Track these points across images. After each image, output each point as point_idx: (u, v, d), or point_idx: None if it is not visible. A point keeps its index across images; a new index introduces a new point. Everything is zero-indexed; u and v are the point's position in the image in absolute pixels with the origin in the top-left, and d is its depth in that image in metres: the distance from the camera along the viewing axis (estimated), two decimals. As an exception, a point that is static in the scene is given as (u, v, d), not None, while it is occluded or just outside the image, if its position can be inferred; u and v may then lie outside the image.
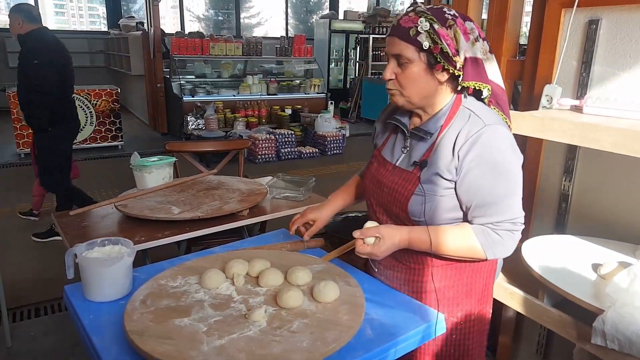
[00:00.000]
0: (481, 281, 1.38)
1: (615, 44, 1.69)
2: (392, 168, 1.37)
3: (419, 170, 1.28)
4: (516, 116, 1.51)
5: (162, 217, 1.94)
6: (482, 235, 1.23)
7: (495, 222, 1.23)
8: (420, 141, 1.31)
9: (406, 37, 1.20)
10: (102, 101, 6.55)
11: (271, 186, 2.36)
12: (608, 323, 1.19)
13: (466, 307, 1.37)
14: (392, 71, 1.26)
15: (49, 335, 2.58)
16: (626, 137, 1.22)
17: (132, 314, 1.18)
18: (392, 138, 1.42)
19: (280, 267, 1.39)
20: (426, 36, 1.19)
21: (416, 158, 1.30)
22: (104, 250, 1.38)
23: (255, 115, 7.35)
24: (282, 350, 1.05)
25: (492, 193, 1.21)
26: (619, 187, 1.74)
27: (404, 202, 1.29)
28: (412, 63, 1.22)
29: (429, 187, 1.26)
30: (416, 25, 1.19)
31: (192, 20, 12.75)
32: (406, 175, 1.31)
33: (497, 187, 1.21)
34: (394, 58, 1.25)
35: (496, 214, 1.22)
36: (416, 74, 1.23)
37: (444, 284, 1.35)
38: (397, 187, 1.32)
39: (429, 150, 1.28)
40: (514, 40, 2.07)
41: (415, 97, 1.26)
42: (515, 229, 1.24)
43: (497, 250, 1.24)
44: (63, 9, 12.63)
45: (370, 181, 1.43)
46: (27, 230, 3.94)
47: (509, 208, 1.22)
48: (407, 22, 1.21)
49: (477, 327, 1.40)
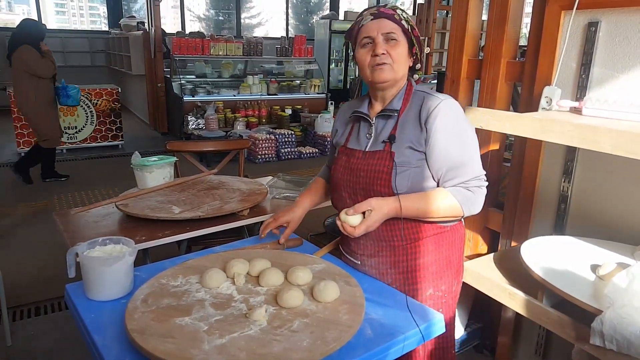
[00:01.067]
0: (456, 252, 1.50)
1: (614, 46, 1.70)
2: (362, 154, 1.46)
3: (390, 145, 1.40)
4: (516, 117, 1.52)
5: (163, 216, 1.95)
6: (457, 193, 1.36)
7: (465, 181, 1.37)
8: (386, 121, 1.45)
9: (393, 19, 1.38)
10: (102, 100, 6.56)
11: (271, 186, 2.37)
12: (607, 324, 1.20)
13: (448, 279, 1.48)
14: (384, 47, 1.38)
15: (49, 334, 2.59)
16: (625, 138, 1.23)
17: (134, 312, 1.18)
18: (354, 131, 1.53)
19: (280, 267, 1.39)
20: (406, 22, 1.40)
21: (384, 137, 1.43)
22: (105, 250, 1.39)
23: (255, 115, 7.35)
24: (282, 350, 1.06)
25: (460, 155, 1.36)
26: (618, 189, 1.75)
27: (386, 179, 1.38)
28: (400, 42, 1.39)
29: (402, 159, 1.38)
30: (397, 13, 1.39)
31: (192, 20, 12.76)
32: (379, 154, 1.41)
33: (463, 150, 1.37)
34: (383, 37, 1.37)
35: (465, 173, 1.37)
36: (402, 52, 1.40)
37: (427, 259, 1.43)
38: (374, 167, 1.41)
39: (394, 127, 1.42)
40: (513, 42, 2.07)
41: (400, 73, 1.41)
42: (482, 184, 1.39)
43: (471, 206, 1.38)
44: (64, 9, 12.65)
45: (343, 172, 1.49)
46: (29, 229, 3.95)
47: (474, 167, 1.38)
48: (388, 10, 1.39)
49: (456, 296, 1.53)
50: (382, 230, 1.42)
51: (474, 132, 1.41)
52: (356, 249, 1.52)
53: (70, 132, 6.43)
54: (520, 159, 2.05)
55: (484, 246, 2.33)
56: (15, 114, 5.97)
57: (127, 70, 8.88)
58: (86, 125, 6.53)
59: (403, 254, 1.44)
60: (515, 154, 2.09)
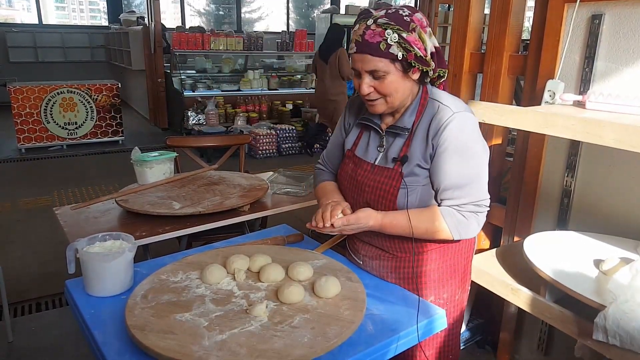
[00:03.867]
0: (462, 261, 1.45)
1: (618, 39, 1.68)
2: (371, 167, 1.38)
3: (400, 165, 1.31)
4: (518, 111, 1.51)
5: (163, 212, 1.94)
6: (448, 216, 1.29)
7: (460, 204, 1.29)
8: (396, 138, 1.35)
9: (377, 52, 1.21)
10: (102, 96, 6.54)
11: (272, 181, 2.36)
12: (609, 319, 1.19)
13: (451, 287, 1.44)
14: (369, 85, 1.26)
15: (50, 330, 2.58)
16: (629, 132, 1.22)
17: (134, 308, 1.18)
18: (364, 137, 1.43)
19: (281, 263, 1.39)
20: (397, 47, 1.20)
21: (394, 154, 1.34)
22: (105, 245, 1.39)
23: (256, 111, 7.33)
24: (283, 345, 1.05)
25: (459, 176, 1.27)
26: (621, 183, 1.74)
27: (392, 199, 1.32)
28: (389, 74, 1.24)
29: (411, 179, 1.31)
30: (384, 39, 1.20)
31: (192, 15, 12.71)
32: (388, 173, 1.33)
33: (463, 171, 1.27)
34: (368, 73, 1.25)
35: (461, 196, 1.28)
36: (395, 82, 1.25)
37: (430, 267, 1.40)
38: (381, 185, 1.34)
39: (406, 145, 1.32)
40: (516, 36, 2.06)
41: (397, 101, 1.30)
42: (479, 210, 1.30)
43: (462, 230, 1.30)
44: (64, 4, 12.60)
45: (349, 182, 1.43)
46: (29, 225, 3.94)
47: (473, 191, 1.29)
48: (374, 37, 1.20)
49: (459, 305, 1.48)
50: (385, 241, 1.39)
51: (484, 151, 1.30)
52: (360, 249, 1.50)
53: (70, 127, 6.42)
54: (523, 154, 2.03)
55: (486, 241, 2.33)
56: (15, 109, 5.96)
57: (127, 66, 8.86)
58: (86, 121, 6.51)
59: (405, 261, 1.40)
60: (518, 149, 2.08)
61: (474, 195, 1.29)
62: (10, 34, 9.76)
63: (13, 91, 5.96)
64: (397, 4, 11.91)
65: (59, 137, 6.38)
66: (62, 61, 10.32)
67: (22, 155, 6.11)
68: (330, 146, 1.58)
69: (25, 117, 6.09)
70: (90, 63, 10.69)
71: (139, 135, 7.50)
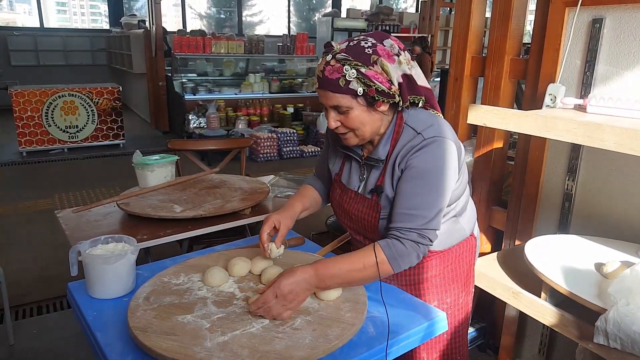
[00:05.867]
0: (465, 265, 1.45)
1: (619, 43, 1.69)
2: (354, 195, 1.38)
3: (378, 196, 1.30)
4: (519, 115, 1.51)
5: (165, 215, 1.94)
6: (387, 248, 1.21)
7: (404, 229, 1.22)
8: (372, 169, 1.34)
9: (338, 89, 1.19)
10: (103, 99, 6.55)
11: (273, 185, 2.36)
12: (611, 322, 1.19)
13: (453, 292, 1.43)
14: (336, 119, 1.25)
15: (51, 332, 2.58)
16: (630, 136, 1.22)
17: (136, 310, 1.18)
18: (347, 165, 1.43)
19: (282, 265, 1.39)
20: (357, 82, 1.18)
21: (372, 185, 1.33)
22: (108, 248, 1.39)
23: (257, 114, 7.34)
24: (284, 347, 1.05)
25: (411, 200, 1.22)
26: (622, 187, 1.74)
27: (374, 229, 1.33)
28: (352, 109, 1.22)
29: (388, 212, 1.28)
30: (343, 75, 1.17)
31: (194, 18, 12.75)
32: (368, 203, 1.34)
33: (418, 196, 1.22)
34: (332, 108, 1.24)
35: (408, 220, 1.22)
36: (360, 117, 1.23)
37: (432, 273, 1.40)
38: (363, 215, 1.35)
39: (382, 175, 1.31)
40: (517, 39, 2.06)
41: (368, 134, 1.27)
42: (421, 241, 1.22)
43: (402, 262, 1.22)
44: (65, 7, 12.63)
45: (338, 207, 1.45)
46: (31, 228, 3.95)
47: (421, 218, 1.21)
48: (333, 74, 1.18)
49: (464, 309, 1.48)
50: None
51: (448, 181, 1.24)
52: None
53: (71, 131, 6.43)
54: (524, 157, 2.04)
55: (487, 245, 2.33)
56: (16, 113, 5.97)
57: (128, 69, 8.88)
58: (87, 124, 6.52)
59: (406, 270, 1.38)
60: (519, 152, 2.08)
61: (420, 223, 1.21)
62: (12, 37, 9.79)
63: (14, 94, 5.97)
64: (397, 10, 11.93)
65: (60, 141, 6.39)
66: (64, 65, 10.35)
67: (24, 159, 6.12)
68: (320, 160, 1.59)
69: (27, 121, 6.10)
70: (92, 66, 10.72)
71: (140, 138, 7.50)
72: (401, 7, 14.10)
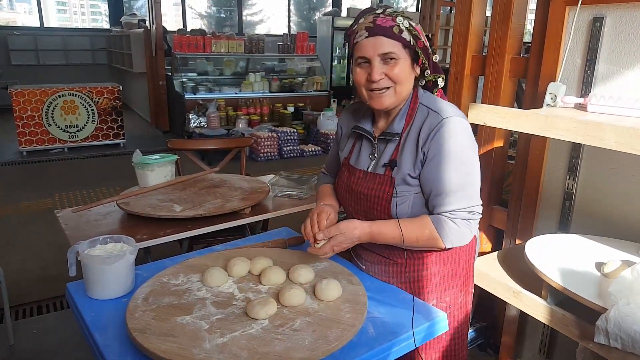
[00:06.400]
0: (464, 264, 1.44)
1: (619, 41, 1.68)
2: (363, 175, 1.38)
3: (390, 170, 1.31)
4: (520, 114, 1.50)
5: (164, 215, 1.94)
6: (439, 224, 1.27)
7: (451, 211, 1.26)
8: (387, 144, 1.35)
9: (392, 35, 1.23)
10: (103, 99, 6.55)
11: (273, 184, 2.36)
12: (611, 322, 1.18)
13: (452, 291, 1.43)
14: (380, 71, 1.26)
15: (51, 333, 2.58)
16: (630, 135, 1.22)
17: (134, 311, 1.18)
18: (357, 146, 1.45)
19: (282, 266, 1.39)
20: (408, 33, 1.25)
21: (385, 160, 1.34)
22: (106, 248, 1.39)
23: (257, 113, 7.33)
24: (284, 348, 1.05)
25: (449, 182, 1.25)
26: (623, 186, 1.73)
27: (386, 206, 1.32)
28: (400, 60, 1.25)
29: (403, 187, 1.30)
30: (397, 24, 1.24)
31: (194, 18, 12.74)
32: (380, 179, 1.33)
33: (454, 177, 1.25)
34: (380, 58, 1.25)
35: (453, 202, 1.26)
36: (404, 71, 1.27)
37: (430, 272, 1.40)
38: (374, 192, 1.34)
39: (396, 150, 1.33)
40: (518, 38, 2.06)
41: (405, 93, 1.30)
42: (471, 217, 1.29)
43: (454, 238, 1.28)
44: (65, 7, 12.64)
45: (345, 190, 1.45)
46: (30, 228, 3.95)
47: (465, 197, 1.27)
48: (387, 22, 1.23)
49: (463, 308, 1.47)
50: (384, 248, 1.40)
51: (475, 155, 1.30)
52: (361, 254, 1.51)
53: (71, 130, 6.43)
54: (524, 156, 2.03)
55: (488, 244, 2.32)
56: (17, 112, 5.97)
57: (129, 69, 8.87)
58: (87, 123, 6.52)
59: (407, 265, 1.40)
60: (519, 151, 2.07)
61: (466, 201, 1.27)
62: (12, 37, 9.79)
63: (15, 94, 5.97)
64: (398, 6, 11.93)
65: (60, 140, 6.39)
66: (64, 64, 10.34)
67: (24, 158, 6.12)
68: (330, 155, 1.63)
69: (27, 120, 6.10)
70: (92, 66, 10.71)
71: (140, 138, 7.50)
72: (401, 6, 14.09)
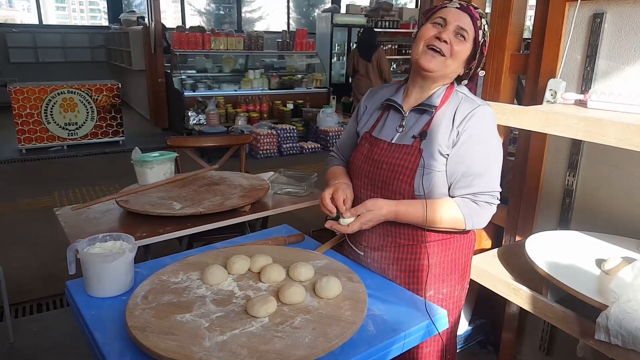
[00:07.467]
0: (463, 257, 1.46)
1: (619, 37, 1.68)
2: (387, 145, 1.40)
3: (420, 142, 1.33)
4: (520, 111, 1.50)
5: (164, 212, 1.93)
6: (463, 205, 1.32)
7: (476, 193, 1.32)
8: (420, 117, 1.38)
9: (475, 22, 1.32)
10: (103, 96, 6.54)
11: (273, 182, 2.36)
12: (612, 319, 1.18)
13: (451, 283, 1.44)
14: (450, 37, 1.31)
15: (51, 330, 2.58)
16: (631, 131, 1.21)
17: (134, 309, 1.17)
18: (382, 119, 1.47)
19: (282, 263, 1.38)
20: (483, 35, 1.34)
21: (415, 132, 1.36)
22: (106, 246, 1.38)
23: (256, 110, 7.32)
24: (284, 346, 1.05)
25: (479, 164, 1.32)
26: (623, 183, 1.73)
27: (410, 175, 1.33)
28: (467, 43, 1.32)
29: (429, 162, 1.32)
30: (480, 21, 1.33)
31: (193, 15, 12.70)
32: (407, 149, 1.35)
33: (483, 160, 1.32)
34: (455, 29, 1.31)
35: (478, 185, 1.32)
36: (463, 53, 1.33)
37: (432, 261, 1.40)
38: (399, 161, 1.35)
39: (427, 123, 1.36)
40: (517, 34, 2.05)
41: (449, 69, 1.34)
42: (492, 201, 1.34)
43: (475, 220, 1.33)
44: (64, 4, 12.60)
45: (364, 162, 1.44)
46: (30, 225, 3.94)
47: (490, 181, 1.33)
48: (475, 13, 1.32)
49: (458, 304, 1.49)
50: (389, 226, 1.39)
51: (500, 145, 1.37)
52: (361, 239, 1.49)
53: (70, 128, 6.42)
54: (524, 153, 2.03)
55: (488, 241, 2.32)
56: (16, 110, 5.96)
57: (128, 66, 8.86)
58: (86, 121, 6.51)
59: (407, 252, 1.41)
60: (519, 148, 2.07)
61: (490, 185, 1.33)
62: (11, 34, 9.76)
63: (13, 92, 5.96)
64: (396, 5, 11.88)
65: (59, 138, 6.38)
66: (63, 61, 10.31)
67: (23, 156, 6.11)
68: (344, 136, 1.62)
69: (26, 118, 6.09)
70: (91, 63, 10.68)
71: (140, 135, 7.49)
72: (401, 3, 14.05)
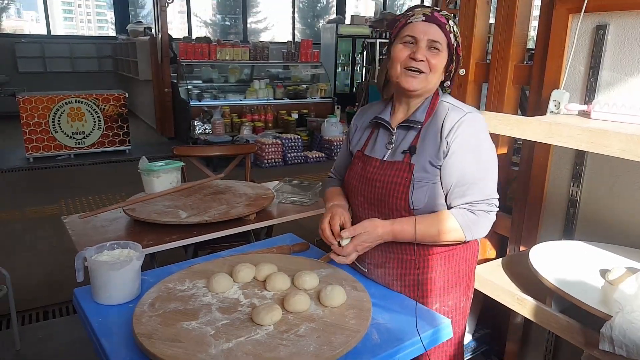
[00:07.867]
0: (467, 268, 1.46)
1: (622, 49, 1.69)
2: (379, 163, 1.40)
3: (410, 157, 1.34)
4: (524, 121, 1.51)
5: (170, 221, 1.95)
6: (460, 216, 1.31)
7: (472, 202, 1.31)
8: (407, 132, 1.39)
9: (444, 30, 1.31)
10: (109, 106, 6.60)
11: (278, 191, 2.37)
12: (616, 329, 1.18)
13: (455, 295, 1.44)
14: (424, 54, 1.31)
15: (57, 338, 2.59)
16: (635, 142, 1.22)
17: (141, 316, 1.19)
18: (372, 137, 1.48)
19: (287, 272, 1.39)
20: (454, 37, 1.34)
21: (405, 148, 1.37)
22: (113, 254, 1.40)
23: (262, 120, 7.36)
24: (289, 354, 1.05)
25: (471, 174, 1.31)
26: (627, 193, 1.73)
27: (404, 191, 1.33)
28: (442, 53, 1.33)
29: (421, 174, 1.32)
30: (449, 24, 1.32)
31: (199, 26, 12.83)
32: (398, 166, 1.36)
33: (476, 168, 1.31)
34: (427, 43, 1.31)
35: (473, 193, 1.31)
36: (440, 64, 1.33)
37: (436, 274, 1.40)
38: (392, 178, 1.36)
39: (416, 138, 1.36)
40: (521, 45, 2.07)
41: (432, 84, 1.35)
42: (490, 209, 1.33)
43: (474, 230, 1.32)
44: (72, 14, 12.76)
45: (359, 181, 1.45)
46: (37, 233, 3.97)
47: (485, 188, 1.32)
48: (442, 18, 1.32)
49: (464, 314, 1.49)
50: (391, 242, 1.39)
51: (493, 151, 1.36)
52: (364, 257, 1.49)
53: (77, 137, 6.48)
54: (528, 163, 2.03)
55: (492, 251, 2.32)
56: (24, 119, 6.02)
57: (134, 76, 8.94)
58: (93, 130, 6.57)
59: (411, 267, 1.40)
60: (523, 158, 2.08)
61: (485, 192, 1.32)
62: (19, 44, 9.89)
63: (22, 101, 6.02)
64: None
65: (66, 147, 6.44)
66: (70, 71, 10.43)
67: (30, 165, 6.16)
68: (340, 156, 1.64)
69: (34, 127, 6.15)
70: (98, 73, 10.79)
71: (146, 144, 7.54)
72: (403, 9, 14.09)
